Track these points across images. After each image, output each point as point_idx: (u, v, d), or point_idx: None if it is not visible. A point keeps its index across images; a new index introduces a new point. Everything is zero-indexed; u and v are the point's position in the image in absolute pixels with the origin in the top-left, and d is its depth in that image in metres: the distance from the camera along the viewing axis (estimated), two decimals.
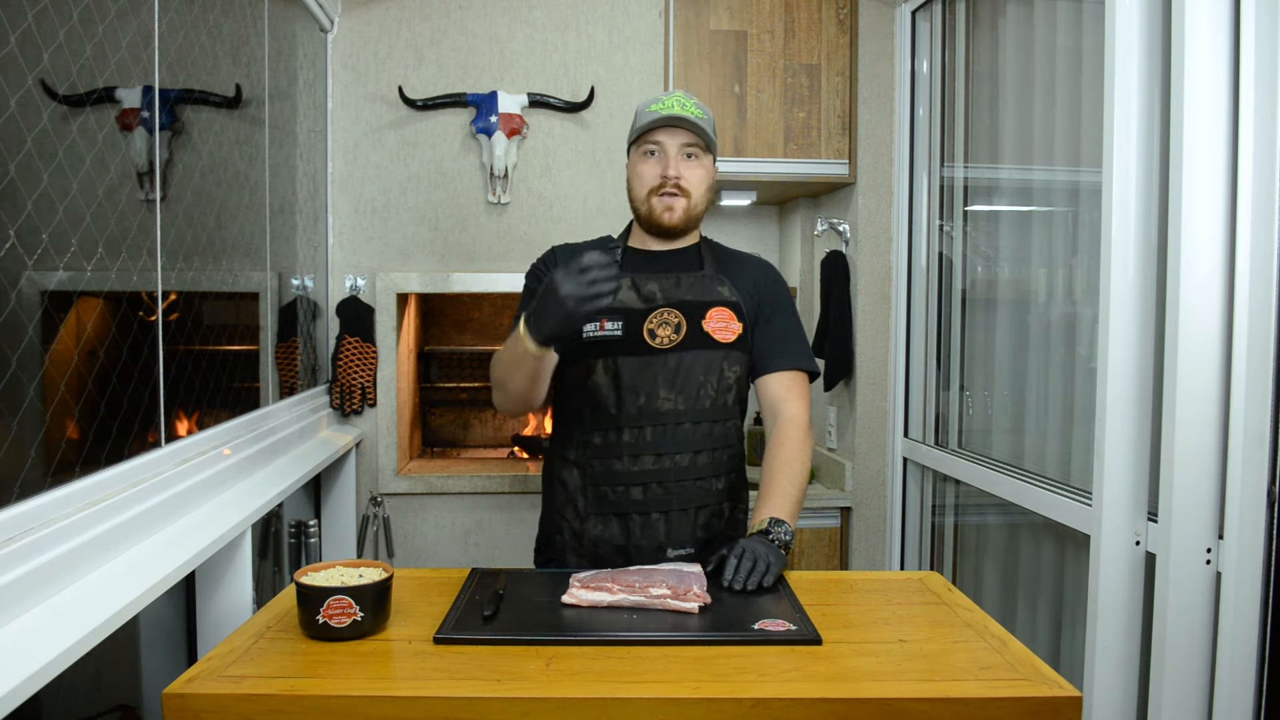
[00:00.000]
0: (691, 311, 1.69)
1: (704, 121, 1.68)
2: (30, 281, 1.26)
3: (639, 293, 1.70)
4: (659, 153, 1.68)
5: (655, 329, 1.67)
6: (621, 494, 1.67)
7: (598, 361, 1.68)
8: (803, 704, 1.09)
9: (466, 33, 2.80)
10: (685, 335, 1.68)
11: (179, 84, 1.72)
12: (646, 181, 1.70)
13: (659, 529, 1.67)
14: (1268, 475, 1.58)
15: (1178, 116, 1.60)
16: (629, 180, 1.76)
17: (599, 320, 1.67)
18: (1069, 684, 1.13)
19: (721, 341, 1.69)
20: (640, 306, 1.69)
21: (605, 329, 1.67)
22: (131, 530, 1.44)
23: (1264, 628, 1.59)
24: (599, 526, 1.69)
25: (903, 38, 2.80)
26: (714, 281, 1.73)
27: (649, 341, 1.67)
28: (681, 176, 1.68)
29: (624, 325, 1.67)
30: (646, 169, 1.70)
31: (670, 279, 1.72)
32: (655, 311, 1.68)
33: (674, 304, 1.69)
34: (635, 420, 1.66)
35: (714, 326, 1.69)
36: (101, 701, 1.64)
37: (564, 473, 1.73)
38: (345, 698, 1.09)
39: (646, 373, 1.66)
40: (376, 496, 2.76)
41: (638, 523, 1.67)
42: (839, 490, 2.90)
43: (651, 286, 1.71)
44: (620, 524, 1.68)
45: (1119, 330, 1.73)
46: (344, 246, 2.81)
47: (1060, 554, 2.14)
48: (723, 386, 1.70)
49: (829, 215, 3.02)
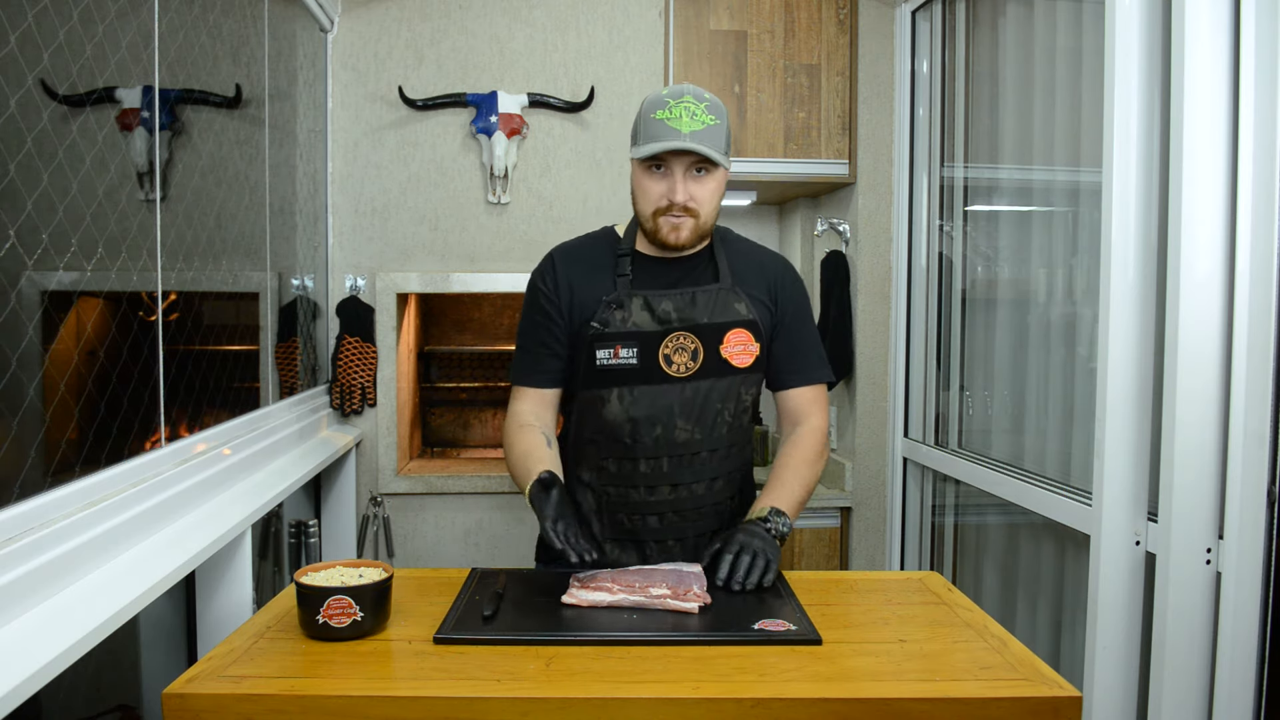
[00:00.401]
0: (708, 336, 1.61)
1: (716, 130, 1.53)
2: (30, 281, 1.26)
3: (653, 313, 1.60)
4: (665, 171, 1.55)
5: (671, 355, 1.60)
6: (638, 522, 1.65)
7: (613, 391, 1.61)
8: (803, 704, 1.09)
9: (466, 33, 2.80)
10: (703, 362, 1.60)
11: (179, 84, 1.72)
12: (652, 200, 1.57)
13: (675, 555, 1.66)
14: (1268, 475, 1.58)
15: (1178, 116, 1.60)
16: (634, 191, 1.62)
17: (613, 346, 1.59)
18: (1069, 684, 1.13)
19: (739, 367, 1.62)
20: (655, 329, 1.60)
21: (620, 356, 1.59)
22: (131, 530, 1.44)
23: (1264, 628, 1.59)
24: (615, 551, 1.67)
25: (903, 38, 2.80)
26: (730, 296, 1.64)
27: (665, 369, 1.60)
28: (691, 198, 1.55)
29: (639, 352, 1.59)
30: (652, 186, 1.57)
31: (684, 296, 1.62)
32: (671, 335, 1.60)
33: (690, 327, 1.60)
34: (651, 451, 1.61)
35: (732, 351, 1.61)
36: (101, 701, 1.64)
37: (578, 494, 1.69)
38: (345, 698, 1.09)
39: (663, 403, 1.60)
40: (376, 496, 2.76)
41: (654, 549, 1.66)
42: (839, 490, 2.90)
43: (666, 306, 1.61)
44: (637, 550, 1.66)
45: (1119, 330, 1.73)
46: (344, 246, 2.81)
47: (1060, 554, 2.14)
48: (739, 409, 1.65)
49: (829, 215, 3.02)
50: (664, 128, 1.52)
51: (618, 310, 1.60)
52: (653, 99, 1.56)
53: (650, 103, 1.56)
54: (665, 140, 1.51)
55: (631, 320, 1.60)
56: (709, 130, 1.52)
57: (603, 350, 1.60)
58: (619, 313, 1.60)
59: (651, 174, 1.57)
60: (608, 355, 1.60)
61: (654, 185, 1.57)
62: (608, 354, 1.60)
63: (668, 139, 1.51)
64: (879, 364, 2.87)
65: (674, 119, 1.52)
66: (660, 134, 1.52)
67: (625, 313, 1.60)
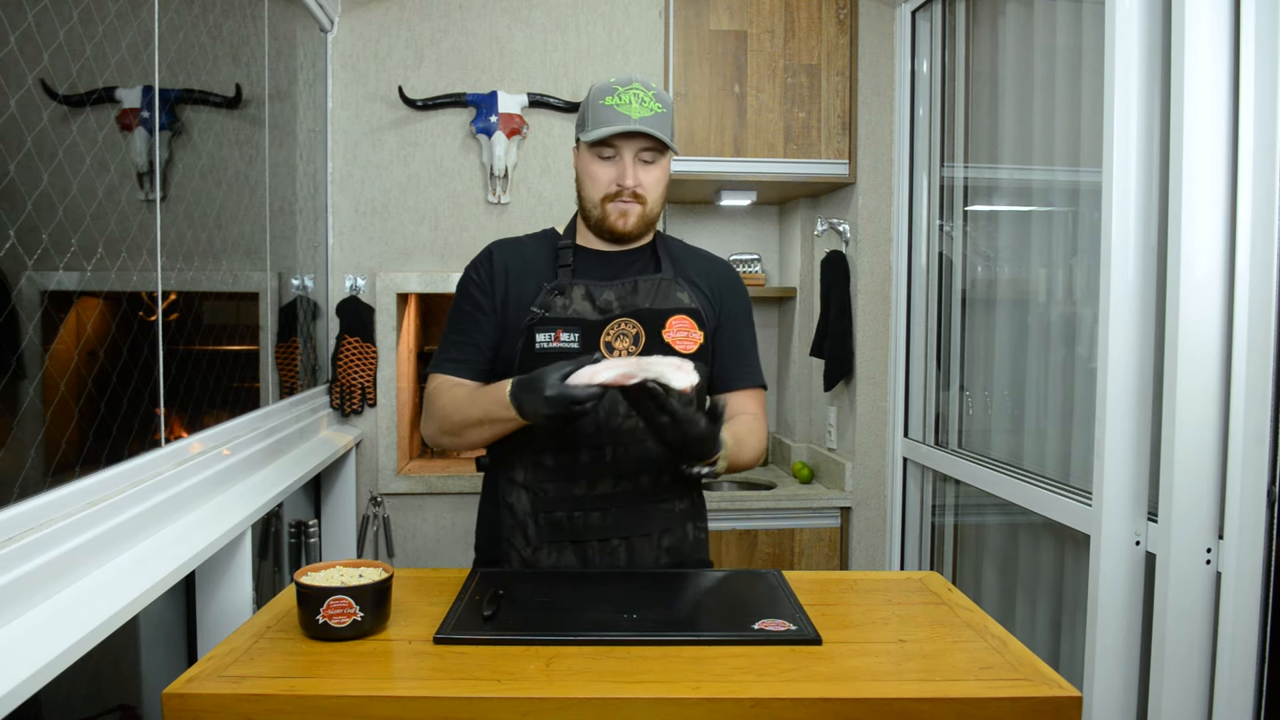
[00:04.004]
0: (650, 321, 1.59)
1: (664, 118, 1.55)
2: (30, 281, 1.26)
3: (594, 302, 1.59)
4: (615, 157, 1.56)
5: (613, 341, 1.57)
6: (580, 520, 1.57)
7: None
8: (803, 704, 1.09)
9: (466, 33, 2.80)
10: (644, 347, 1.58)
11: (179, 84, 1.72)
12: (601, 186, 1.57)
13: (619, 556, 1.58)
14: (1268, 475, 1.58)
15: (1178, 116, 1.60)
16: (579, 178, 1.62)
17: (554, 330, 1.56)
18: (1069, 684, 1.13)
19: (683, 352, 1.59)
20: (596, 317, 1.58)
21: (560, 340, 1.56)
22: (131, 530, 1.44)
23: (1264, 628, 1.59)
24: (553, 555, 1.58)
25: (903, 38, 2.80)
26: (672, 286, 1.62)
27: (607, 355, 1.55)
28: (639, 184, 1.56)
29: (580, 337, 1.56)
30: (601, 172, 1.57)
31: (626, 285, 1.61)
32: (613, 322, 1.58)
33: (631, 313, 1.59)
34: (593, 439, 1.55)
35: (674, 336, 1.59)
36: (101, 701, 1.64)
37: (511, 495, 1.60)
38: (345, 698, 1.09)
39: None
40: (376, 496, 2.76)
41: (596, 549, 1.58)
42: (839, 490, 2.90)
43: (608, 295, 1.59)
44: (577, 552, 1.58)
45: (1119, 330, 1.73)
46: (344, 246, 2.81)
47: (1060, 554, 2.14)
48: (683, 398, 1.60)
49: (829, 215, 3.02)
50: (614, 113, 1.53)
51: (559, 296, 1.58)
52: (601, 86, 1.57)
53: (598, 90, 1.57)
54: (616, 124, 1.52)
55: (573, 308, 1.58)
56: (657, 117, 1.54)
57: (543, 334, 1.56)
58: (560, 299, 1.58)
59: (600, 160, 1.57)
60: (548, 339, 1.56)
61: (603, 171, 1.57)
62: (548, 337, 1.56)
63: (619, 124, 1.52)
64: (879, 364, 2.87)
65: (623, 105, 1.53)
66: (610, 119, 1.53)
67: (566, 300, 1.58)
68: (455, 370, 1.62)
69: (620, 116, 1.53)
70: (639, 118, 1.52)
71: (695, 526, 1.68)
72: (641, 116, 1.53)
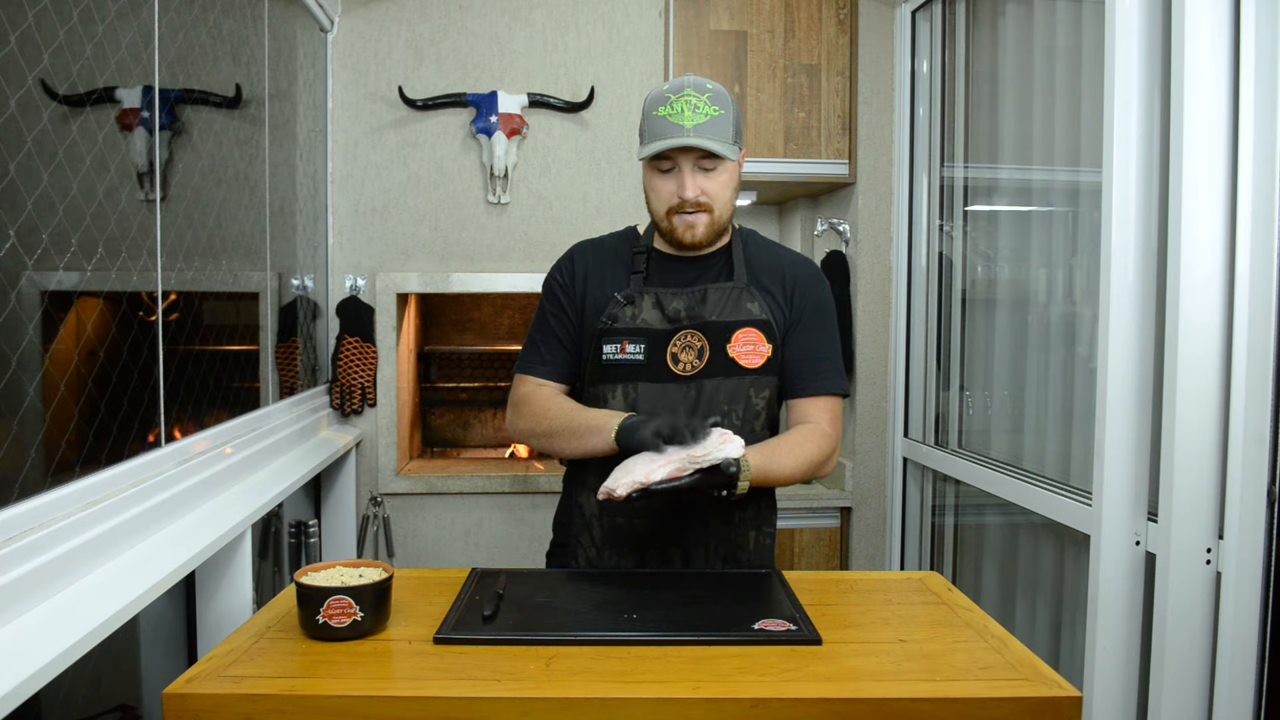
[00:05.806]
0: (716, 334, 1.57)
1: (721, 121, 1.50)
2: (30, 281, 1.26)
3: (663, 311, 1.58)
4: (674, 169, 1.53)
5: (679, 353, 1.56)
6: (640, 527, 1.59)
7: (617, 387, 1.58)
8: (803, 704, 1.09)
9: (466, 33, 2.80)
10: (709, 361, 1.56)
11: (179, 84, 1.72)
12: (664, 199, 1.55)
13: (674, 562, 1.61)
14: (1268, 475, 1.58)
15: (1178, 116, 1.60)
16: (646, 192, 1.60)
17: (620, 341, 1.57)
18: (1069, 684, 1.13)
19: (748, 367, 1.57)
20: (664, 328, 1.57)
21: (626, 352, 1.56)
22: (131, 530, 1.44)
23: (1264, 628, 1.59)
24: (614, 558, 1.61)
25: (903, 38, 2.80)
26: (744, 296, 1.59)
27: (672, 367, 1.56)
28: (702, 192, 1.52)
29: (646, 348, 1.56)
30: (662, 185, 1.54)
31: (696, 295, 1.58)
32: (679, 334, 1.57)
33: (698, 326, 1.57)
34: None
35: (740, 351, 1.56)
36: (101, 701, 1.64)
37: (581, 496, 1.64)
38: (345, 698, 1.09)
39: (665, 401, 1.56)
40: (376, 496, 2.76)
41: (653, 556, 1.61)
42: (839, 490, 2.90)
43: (676, 305, 1.58)
44: (635, 558, 1.61)
45: (1119, 330, 1.73)
46: (344, 246, 2.81)
47: (1060, 554, 2.14)
48: (749, 414, 1.59)
49: (829, 215, 3.02)
50: (666, 124, 1.49)
51: (628, 306, 1.59)
52: (654, 95, 1.53)
53: (652, 99, 1.53)
54: (668, 137, 1.49)
55: (641, 317, 1.58)
56: (713, 121, 1.49)
57: (609, 345, 1.57)
58: (629, 309, 1.58)
59: (660, 173, 1.54)
60: (614, 350, 1.57)
61: (663, 184, 1.54)
62: (614, 349, 1.57)
63: (671, 135, 1.48)
64: (879, 364, 2.87)
65: (676, 114, 1.49)
66: (663, 131, 1.49)
67: (635, 309, 1.59)
68: (545, 374, 1.65)
69: (673, 127, 1.49)
70: (692, 125, 1.48)
71: (761, 533, 1.67)
72: (696, 124, 1.48)
